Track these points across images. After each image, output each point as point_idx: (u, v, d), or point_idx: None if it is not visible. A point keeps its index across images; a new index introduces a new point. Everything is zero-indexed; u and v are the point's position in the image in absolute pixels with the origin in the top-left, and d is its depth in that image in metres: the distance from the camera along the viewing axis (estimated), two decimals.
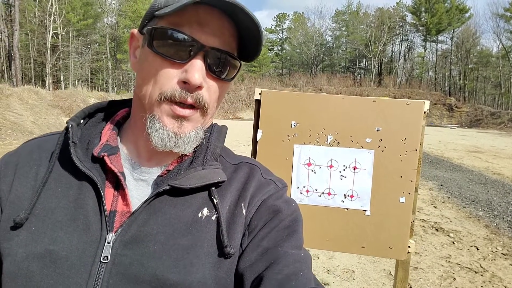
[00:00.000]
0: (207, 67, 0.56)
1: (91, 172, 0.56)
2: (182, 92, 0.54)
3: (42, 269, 0.52)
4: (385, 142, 1.34)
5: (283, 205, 0.62)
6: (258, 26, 0.55)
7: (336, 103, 1.36)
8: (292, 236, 0.59)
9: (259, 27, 0.56)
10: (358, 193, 1.35)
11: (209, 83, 0.57)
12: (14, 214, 0.56)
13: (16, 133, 10.57)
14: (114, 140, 0.62)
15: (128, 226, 0.55)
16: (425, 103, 1.36)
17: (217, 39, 0.56)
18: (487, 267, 3.41)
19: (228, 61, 0.58)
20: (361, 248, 1.36)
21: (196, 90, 0.55)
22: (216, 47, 0.55)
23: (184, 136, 0.57)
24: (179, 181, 0.57)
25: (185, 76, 0.54)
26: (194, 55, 0.54)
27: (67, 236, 0.54)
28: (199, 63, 0.54)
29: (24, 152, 0.63)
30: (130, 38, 0.64)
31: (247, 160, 0.69)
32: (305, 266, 0.56)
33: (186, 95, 0.55)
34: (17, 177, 0.59)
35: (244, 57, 0.62)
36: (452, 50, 43.34)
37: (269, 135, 1.37)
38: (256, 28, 0.56)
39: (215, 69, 0.57)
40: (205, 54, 0.55)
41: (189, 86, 0.54)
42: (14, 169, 0.60)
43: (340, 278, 3.05)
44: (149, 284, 0.52)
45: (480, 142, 15.57)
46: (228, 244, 0.56)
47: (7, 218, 0.56)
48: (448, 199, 5.88)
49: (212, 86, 0.58)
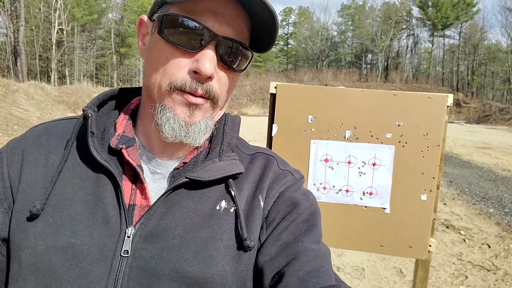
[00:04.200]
0: (219, 58, 0.54)
1: (108, 164, 0.54)
2: (193, 83, 0.53)
3: (64, 262, 0.51)
4: (406, 138, 1.29)
5: (301, 198, 0.61)
6: (275, 16, 0.53)
7: (355, 96, 1.30)
8: (311, 230, 0.58)
9: (275, 17, 0.53)
10: (378, 190, 1.30)
11: (220, 74, 0.55)
12: (28, 203, 0.54)
13: (22, 128, 10.64)
14: (130, 131, 0.60)
15: (147, 220, 0.54)
16: (448, 96, 1.30)
17: (231, 28, 0.53)
18: (500, 265, 3.35)
19: (240, 51, 0.56)
20: (380, 247, 1.31)
21: (206, 80, 0.54)
22: (229, 37, 0.54)
23: (194, 126, 0.55)
24: (196, 173, 0.56)
25: (196, 66, 0.52)
26: (205, 44, 0.52)
27: (87, 230, 0.53)
28: (210, 53, 0.53)
29: (31, 137, 0.60)
30: (139, 24, 0.61)
31: (262, 151, 0.67)
32: (325, 262, 0.55)
33: (197, 86, 0.53)
34: (25, 164, 0.57)
35: (257, 48, 0.60)
36: (460, 45, 42.76)
37: (284, 130, 1.32)
38: (272, 19, 0.53)
39: (227, 59, 0.55)
40: (217, 44, 0.53)
41: (200, 77, 0.53)
42: (21, 155, 0.58)
43: (350, 276, 3.01)
44: (169, 277, 0.51)
45: (489, 138, 15.38)
46: (248, 237, 0.55)
47: (20, 208, 0.54)
48: (458, 196, 5.80)
49: (223, 77, 0.57)
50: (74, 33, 36.26)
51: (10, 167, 0.57)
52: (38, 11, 32.17)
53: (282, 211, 0.59)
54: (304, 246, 0.55)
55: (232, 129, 0.64)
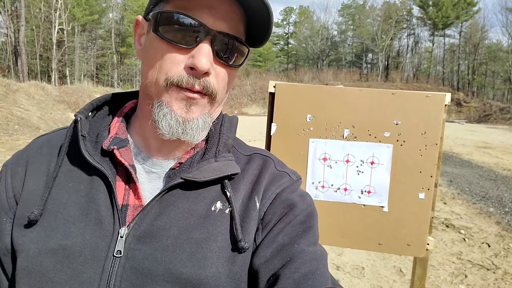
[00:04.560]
0: (215, 53, 0.54)
1: (101, 165, 0.55)
2: (190, 78, 0.52)
3: (55, 265, 0.51)
4: (404, 136, 1.29)
5: (298, 199, 0.60)
6: (269, 9, 0.53)
7: (353, 96, 1.31)
8: (307, 232, 0.57)
9: (269, 10, 0.53)
10: (376, 189, 1.31)
11: (217, 69, 0.55)
12: (27, 210, 0.55)
13: (23, 128, 10.65)
14: (123, 132, 0.60)
15: (140, 220, 0.54)
16: (446, 95, 1.30)
17: (225, 23, 0.53)
18: (499, 264, 3.35)
19: (236, 46, 0.56)
20: (378, 245, 1.32)
21: (203, 76, 0.53)
22: (224, 31, 0.53)
23: (192, 122, 0.55)
24: (192, 174, 0.56)
25: (192, 62, 0.52)
26: (201, 40, 0.52)
27: (79, 231, 0.53)
28: (206, 48, 0.52)
29: (34, 148, 0.62)
30: (135, 25, 0.62)
31: (260, 152, 0.67)
32: (321, 265, 0.55)
33: (194, 81, 0.52)
34: (28, 174, 0.58)
35: (252, 42, 0.59)
36: (460, 45, 42.71)
37: (283, 129, 1.33)
38: (266, 12, 0.53)
39: (223, 54, 0.55)
40: (212, 39, 0.53)
41: (196, 72, 0.52)
42: (25, 166, 0.59)
43: (350, 275, 3.01)
44: (162, 278, 0.51)
45: (489, 138, 15.36)
46: (242, 238, 0.55)
47: (20, 215, 0.55)
48: (458, 195, 5.80)
49: (220, 73, 0.56)
50: (74, 33, 36.28)
51: (13, 177, 0.58)
52: (39, 11, 32.18)
53: (278, 213, 0.58)
54: (300, 248, 0.54)
55: (229, 129, 0.63)
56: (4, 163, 0.62)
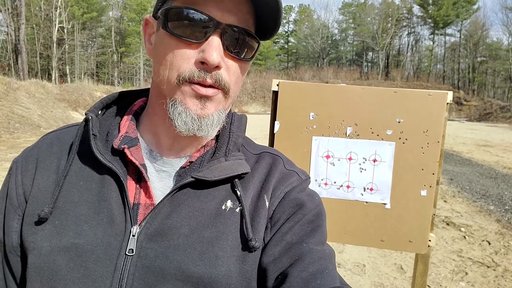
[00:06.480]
0: (225, 46, 0.53)
1: (112, 164, 0.55)
2: (201, 73, 0.52)
3: (68, 263, 0.52)
4: (406, 134, 1.30)
5: (307, 198, 0.61)
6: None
7: (356, 94, 1.32)
8: (316, 231, 0.58)
9: (278, 0, 0.53)
10: (378, 186, 1.32)
11: (228, 62, 0.55)
12: (37, 208, 0.55)
13: (24, 126, 10.66)
14: (134, 131, 0.60)
15: (152, 219, 0.54)
16: (448, 93, 1.31)
17: (234, 15, 0.53)
18: (499, 261, 3.37)
19: (246, 39, 0.55)
20: (380, 242, 1.34)
21: (214, 70, 0.53)
22: (233, 24, 0.53)
23: (207, 118, 0.54)
24: (202, 173, 0.56)
25: (202, 56, 0.52)
26: (210, 34, 0.52)
27: (91, 230, 0.53)
28: (216, 41, 0.52)
29: (44, 145, 0.62)
30: (144, 25, 0.62)
31: (269, 150, 0.67)
32: (330, 264, 0.55)
33: (205, 75, 0.52)
34: (38, 171, 0.58)
35: (262, 35, 0.59)
36: (461, 43, 42.63)
37: (286, 127, 1.34)
38: (276, 2, 0.53)
39: (233, 48, 0.54)
40: (222, 32, 0.52)
41: (207, 66, 0.52)
42: (35, 163, 0.59)
43: (351, 272, 3.03)
44: (174, 277, 0.51)
45: (490, 136, 15.37)
46: (253, 237, 0.55)
47: (31, 212, 0.55)
48: (458, 193, 5.82)
49: (231, 66, 0.55)
50: (74, 31, 36.24)
51: (24, 174, 0.58)
52: (39, 9, 32.15)
53: (287, 212, 0.58)
54: (309, 247, 0.55)
55: (238, 128, 0.63)
56: (14, 160, 0.62)
